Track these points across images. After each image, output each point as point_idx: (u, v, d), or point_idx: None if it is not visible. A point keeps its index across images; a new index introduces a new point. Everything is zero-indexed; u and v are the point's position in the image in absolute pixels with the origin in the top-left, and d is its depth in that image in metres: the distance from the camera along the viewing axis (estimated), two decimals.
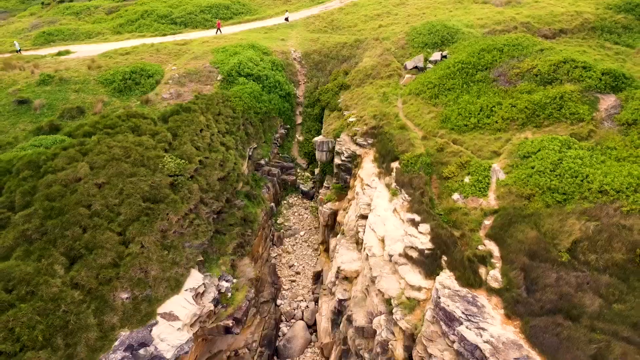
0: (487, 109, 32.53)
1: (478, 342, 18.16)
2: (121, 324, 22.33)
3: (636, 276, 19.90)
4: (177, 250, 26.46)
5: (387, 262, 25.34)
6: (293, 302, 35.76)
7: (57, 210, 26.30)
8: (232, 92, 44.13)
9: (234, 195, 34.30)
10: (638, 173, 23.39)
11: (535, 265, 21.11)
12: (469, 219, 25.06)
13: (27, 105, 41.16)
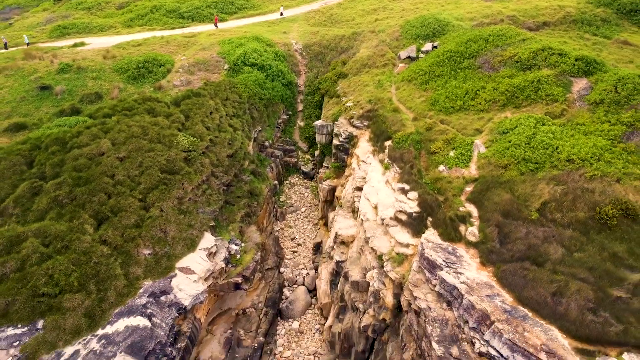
0: (471, 93, 34.96)
1: (456, 283, 20.66)
2: (144, 275, 24.79)
3: (595, 230, 22.35)
4: (192, 215, 28.94)
5: (380, 225, 27.82)
6: (295, 270, 38.25)
7: (84, 179, 28.73)
8: (238, 79, 46.52)
9: (241, 172, 36.74)
10: (601, 144, 25.85)
11: (508, 223, 23.57)
12: (452, 186, 27.53)
13: (49, 91, 43.39)
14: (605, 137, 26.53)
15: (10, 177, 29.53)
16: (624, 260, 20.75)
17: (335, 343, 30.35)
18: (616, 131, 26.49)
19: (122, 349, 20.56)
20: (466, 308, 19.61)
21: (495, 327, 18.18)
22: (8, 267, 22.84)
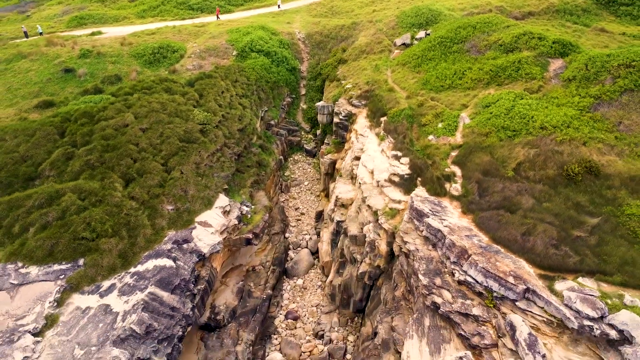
0: (459, 73, 37.61)
1: (440, 227, 23.39)
2: (168, 226, 27.52)
3: (562, 185, 25.03)
4: (208, 178, 31.66)
5: (375, 187, 30.54)
6: (299, 235, 41.01)
7: (111, 146, 31.42)
8: (246, 64, 49.14)
9: (250, 145, 39.46)
10: (571, 114, 28.52)
11: (487, 179, 26.29)
12: (439, 152, 30.24)
13: (72, 73, 46.00)
14: (575, 107, 29.17)
15: (45, 144, 32.19)
16: (585, 208, 23.44)
17: (335, 295, 33.11)
18: (585, 103, 29.13)
19: (152, 283, 23.29)
20: (448, 246, 22.35)
21: (472, 259, 20.93)
22: (50, 216, 25.57)
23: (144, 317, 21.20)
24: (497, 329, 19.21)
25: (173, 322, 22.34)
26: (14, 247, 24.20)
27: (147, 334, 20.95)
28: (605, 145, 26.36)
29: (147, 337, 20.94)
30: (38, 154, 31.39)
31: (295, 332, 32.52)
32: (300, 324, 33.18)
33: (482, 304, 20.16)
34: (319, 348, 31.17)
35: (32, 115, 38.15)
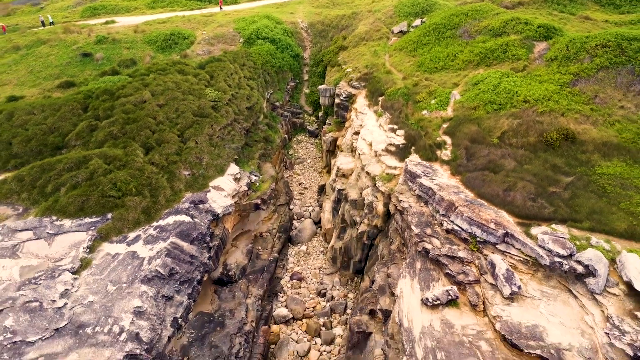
0: (452, 55, 39.69)
1: (431, 185, 25.52)
2: (185, 189, 29.64)
3: (542, 150, 27.10)
4: (220, 148, 33.78)
5: (373, 157, 32.66)
6: (302, 207, 43.18)
7: (132, 119, 33.48)
8: (253, 50, 51.18)
9: (257, 122, 41.57)
10: (552, 89, 30.59)
11: (474, 146, 28.41)
12: (432, 124, 32.35)
13: (90, 57, 48.03)
14: (555, 83, 31.26)
15: (70, 118, 34.28)
16: (562, 169, 25.55)
17: (336, 258, 35.31)
18: (565, 79, 31.22)
19: (173, 234, 25.44)
20: (438, 201, 24.50)
21: (459, 210, 23.07)
22: (80, 177, 27.69)
23: (167, 261, 23.38)
24: (479, 268, 21.37)
25: (192, 267, 24.51)
26: (48, 204, 26.32)
27: (170, 276, 23.11)
28: (581, 115, 28.45)
29: (170, 279, 23.10)
30: (64, 126, 33.45)
31: (300, 291, 34.73)
32: (304, 284, 35.38)
33: (466, 249, 22.31)
34: (322, 304, 33.37)
35: (55, 94, 40.20)
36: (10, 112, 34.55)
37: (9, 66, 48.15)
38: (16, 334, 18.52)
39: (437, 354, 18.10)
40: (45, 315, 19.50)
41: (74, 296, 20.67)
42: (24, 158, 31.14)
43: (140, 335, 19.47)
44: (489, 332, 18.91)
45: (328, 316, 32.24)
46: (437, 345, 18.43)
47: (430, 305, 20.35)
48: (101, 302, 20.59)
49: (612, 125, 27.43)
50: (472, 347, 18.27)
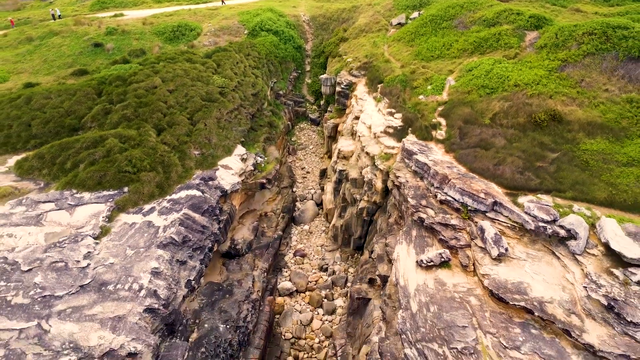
0: (447, 45, 40.97)
1: (426, 161, 26.88)
2: (196, 167, 30.99)
3: (530, 130, 28.41)
4: (228, 130, 35.10)
5: (373, 138, 34.00)
6: (305, 190, 44.56)
7: (144, 103, 34.77)
8: (257, 41, 52.46)
9: (262, 108, 42.89)
10: (541, 74, 31.87)
11: (467, 126, 29.74)
12: (428, 107, 33.66)
13: (101, 47, 49.31)
14: (544, 69, 32.54)
15: (85, 102, 35.59)
16: (548, 146, 26.87)
17: (337, 236, 36.71)
18: (553, 65, 32.51)
19: (185, 206, 26.81)
20: (432, 175, 25.86)
21: (452, 182, 24.43)
22: (97, 154, 29.05)
23: (180, 229, 24.77)
24: (470, 234, 22.75)
25: (204, 236, 25.91)
26: (68, 178, 27.70)
27: (184, 243, 24.50)
28: (568, 98, 29.75)
29: (184, 245, 24.49)
30: (80, 109, 34.77)
31: (303, 266, 36.15)
32: (307, 260, 36.80)
33: (458, 217, 23.68)
34: (324, 278, 34.80)
35: (69, 81, 41.51)
36: (29, 97, 35.84)
37: (24, 56, 49.44)
38: (45, 289, 19.92)
39: (430, 307, 19.51)
40: (71, 274, 20.89)
41: (96, 258, 22.06)
42: (42, 138, 32.45)
43: (158, 293, 20.87)
44: (478, 289, 20.31)
45: (330, 289, 33.65)
46: (431, 300, 19.83)
47: (424, 267, 21.73)
48: (121, 263, 21.97)
49: (597, 107, 28.71)
50: (463, 301, 19.66)
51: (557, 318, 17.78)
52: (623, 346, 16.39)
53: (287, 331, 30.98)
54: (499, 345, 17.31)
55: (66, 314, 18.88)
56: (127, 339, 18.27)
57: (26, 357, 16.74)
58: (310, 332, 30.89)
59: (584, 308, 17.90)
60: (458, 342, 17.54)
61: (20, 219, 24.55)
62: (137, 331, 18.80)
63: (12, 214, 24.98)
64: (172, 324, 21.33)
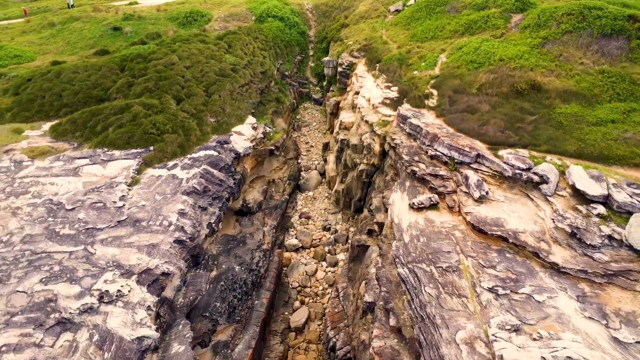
0: (440, 27, 43.26)
1: (419, 124, 29.29)
2: (212, 132, 33.36)
3: (512, 97, 30.77)
4: (240, 102, 37.47)
5: (371, 109, 36.37)
6: (309, 161, 47.00)
7: (163, 77, 37.09)
8: (264, 26, 54.73)
9: (270, 86, 45.21)
10: (524, 50, 34.19)
11: (456, 95, 32.10)
12: (421, 80, 36.02)
13: (120, 31, 51.51)
14: (527, 46, 34.87)
15: (110, 76, 37.92)
16: (527, 110, 29.26)
17: (339, 199, 39.16)
18: (535, 42, 34.84)
19: (204, 163, 29.23)
20: (424, 135, 28.28)
21: (441, 140, 26.85)
22: (124, 119, 31.44)
23: (201, 181, 27.22)
24: (456, 182, 25.19)
25: (221, 188, 28.37)
26: (99, 139, 30.13)
27: (204, 192, 26.96)
28: (547, 70, 32.13)
29: (205, 194, 26.95)
30: (105, 82, 37.12)
31: (308, 226, 38.65)
32: (311, 222, 39.29)
33: (446, 169, 26.12)
34: (327, 236, 37.30)
35: (92, 60, 43.80)
36: (58, 72, 38.18)
37: (47, 39, 51.68)
38: (88, 224, 22.42)
39: (420, 238, 22.00)
40: (109, 212, 23.39)
41: (130, 201, 24.55)
42: (72, 107, 34.82)
43: (184, 228, 23.37)
44: (462, 225, 22.79)
45: (332, 245, 36.17)
46: (421, 233, 22.32)
47: (416, 208, 24.20)
48: (151, 205, 24.46)
49: (572, 77, 31.09)
50: (448, 234, 22.15)
51: (528, 244, 20.23)
52: (582, 264, 18.87)
53: (294, 281, 33.49)
54: (477, 265, 19.80)
55: (107, 241, 21.37)
56: (160, 261, 20.77)
57: (77, 271, 19.23)
58: (315, 282, 33.40)
59: (552, 236, 20.36)
60: (443, 262, 20.03)
61: (59, 171, 27.02)
62: (168, 256, 21.31)
63: (52, 167, 27.44)
64: (196, 256, 23.84)
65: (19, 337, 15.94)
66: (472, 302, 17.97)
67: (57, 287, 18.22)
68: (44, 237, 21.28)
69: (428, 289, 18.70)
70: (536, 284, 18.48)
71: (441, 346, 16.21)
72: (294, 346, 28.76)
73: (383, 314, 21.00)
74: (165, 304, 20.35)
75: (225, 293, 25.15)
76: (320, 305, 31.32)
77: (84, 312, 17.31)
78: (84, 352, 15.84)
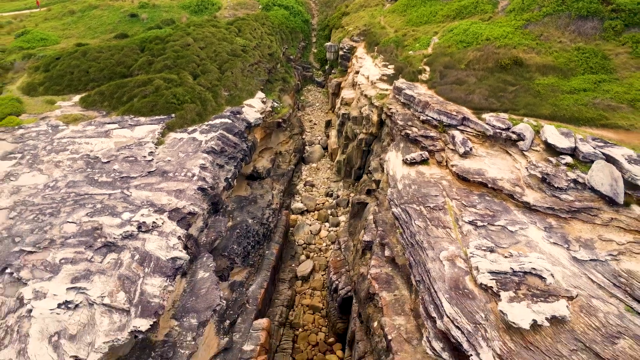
0: (434, 12, 45.54)
1: (412, 94, 31.67)
2: (226, 104, 35.75)
3: (496, 71, 33.12)
4: (250, 78, 39.83)
5: (370, 85, 38.74)
6: (313, 137, 49.44)
7: (180, 56, 39.38)
8: (270, 14, 56.99)
9: (276, 67, 47.55)
10: (508, 30, 36.48)
11: (447, 70, 34.44)
12: (415, 59, 38.35)
13: (136, 18, 53.74)
14: (511, 27, 37.16)
15: (132, 55, 40.22)
16: (510, 82, 31.57)
17: (341, 169, 41.62)
18: (519, 24, 37.13)
19: (220, 129, 31.63)
20: (417, 103, 30.68)
21: (431, 106, 29.27)
22: (148, 90, 33.81)
23: (218, 142, 29.67)
24: (444, 142, 27.63)
25: (236, 150, 30.83)
26: (126, 107, 32.54)
27: (221, 152, 29.42)
28: (529, 48, 34.44)
29: (221, 154, 29.41)
30: (127, 60, 39.43)
31: (312, 193, 41.16)
32: (315, 189, 41.80)
33: (436, 131, 28.54)
34: (330, 201, 39.82)
35: (113, 42, 46.07)
36: (84, 51, 40.51)
37: (69, 25, 53.94)
38: (122, 173, 24.91)
39: (412, 186, 24.47)
40: (140, 164, 25.88)
41: (157, 157, 27.03)
42: (99, 82, 37.18)
43: (206, 179, 25.87)
44: (448, 176, 25.23)
45: (334, 208, 38.70)
46: (412, 182, 24.79)
47: (408, 163, 26.65)
48: (176, 161, 26.93)
49: (551, 54, 33.42)
50: (436, 183, 24.61)
51: (505, 188, 22.68)
52: (550, 203, 21.34)
53: (299, 239, 36.04)
54: (460, 205, 22.29)
55: (141, 187, 23.87)
56: (187, 203, 23.29)
57: (117, 208, 21.75)
58: (319, 239, 35.96)
59: (525, 182, 22.84)
60: (431, 203, 22.52)
61: (92, 133, 29.50)
62: (193, 200, 23.83)
63: (85, 130, 29.91)
64: (216, 203, 26.36)
65: (74, 254, 18.48)
66: (455, 232, 20.50)
67: (101, 218, 20.74)
68: (85, 183, 23.79)
69: (417, 222, 21.22)
70: (510, 219, 20.96)
71: (427, 263, 18.75)
72: (300, 292, 31.32)
73: (379, 249, 23.54)
74: (191, 239, 22.89)
75: (240, 239, 27.69)
76: (324, 259, 33.87)
77: (126, 237, 19.82)
78: (127, 267, 18.35)
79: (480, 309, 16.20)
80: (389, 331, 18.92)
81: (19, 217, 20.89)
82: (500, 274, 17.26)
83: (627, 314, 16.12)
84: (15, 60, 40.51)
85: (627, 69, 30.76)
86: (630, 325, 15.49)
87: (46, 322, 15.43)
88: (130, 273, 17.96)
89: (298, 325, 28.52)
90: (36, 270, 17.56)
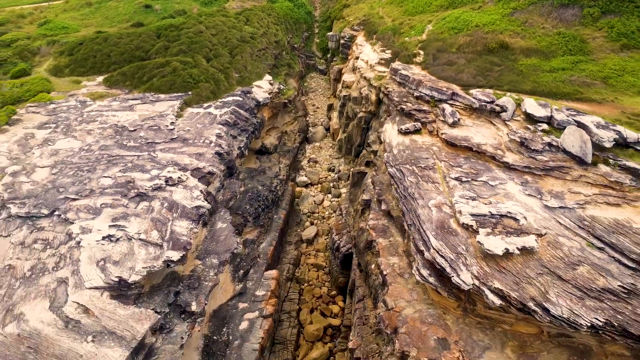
0: (428, 3, 47.55)
1: (407, 74, 33.83)
2: (237, 84, 37.92)
3: (485, 54, 35.28)
4: (259, 62, 41.98)
5: (369, 68, 40.87)
6: (316, 119, 51.65)
7: (194, 42, 41.49)
8: (276, 5, 59.02)
9: (282, 53, 49.67)
10: (496, 18, 38.58)
11: (439, 54, 36.57)
12: (411, 44, 40.46)
13: (150, 8, 55.72)
14: (499, 15, 39.26)
15: (149, 41, 42.34)
16: (496, 63, 33.71)
17: (342, 147, 43.82)
18: (506, 11, 39.22)
19: (232, 105, 33.85)
20: (411, 82, 32.86)
21: (424, 84, 31.45)
22: (166, 71, 35.97)
23: (232, 116, 31.90)
24: (435, 115, 29.83)
25: (247, 124, 33.06)
26: (146, 86, 34.72)
27: (234, 125, 31.66)
28: (514, 33, 36.53)
29: (234, 126, 31.65)
30: (145, 45, 41.55)
31: (315, 168, 43.39)
32: (318, 165, 44.03)
33: (428, 106, 30.71)
34: (332, 175, 42.07)
35: (130, 30, 48.14)
36: (105, 37, 42.65)
37: (87, 15, 55.96)
38: (148, 139, 27.16)
39: (405, 151, 26.70)
40: (163, 132, 28.13)
41: (177, 127, 29.28)
42: (120, 64, 39.32)
43: (222, 145, 28.11)
44: (438, 143, 27.44)
45: (336, 182, 40.94)
46: (406, 148, 27.02)
47: (403, 133, 28.88)
48: (195, 130, 29.16)
49: (535, 38, 35.50)
50: (428, 149, 26.82)
51: (488, 151, 24.86)
52: (527, 162, 23.53)
53: (304, 208, 38.30)
54: (448, 165, 24.53)
55: (165, 150, 26.14)
56: (206, 164, 25.56)
57: (146, 166, 24.02)
58: (322, 208, 38.23)
59: (506, 146, 25.04)
60: (422, 164, 24.76)
61: (118, 107, 31.71)
62: (212, 162, 26.10)
63: (111, 105, 32.13)
64: (231, 168, 28.63)
65: (112, 200, 20.77)
66: (442, 186, 22.76)
67: (133, 174, 23.03)
68: (116, 147, 26.06)
69: (410, 178, 23.49)
70: (491, 176, 23.19)
71: (417, 209, 21.02)
72: (305, 252, 33.62)
73: (377, 205, 25.84)
74: (210, 196, 25.18)
75: (252, 201, 29.98)
76: (327, 225, 36.14)
77: (155, 189, 22.11)
78: (158, 212, 20.64)
79: (461, 243, 18.47)
80: (384, 268, 21.25)
81: (60, 173, 23.17)
82: (480, 216, 19.51)
83: (587, 248, 18.38)
84: (41, 45, 42.64)
85: (602, 51, 32.89)
86: (589, 256, 17.76)
87: (93, 251, 17.73)
88: (161, 217, 20.25)
89: (303, 280, 30.80)
90: (81, 212, 19.85)
